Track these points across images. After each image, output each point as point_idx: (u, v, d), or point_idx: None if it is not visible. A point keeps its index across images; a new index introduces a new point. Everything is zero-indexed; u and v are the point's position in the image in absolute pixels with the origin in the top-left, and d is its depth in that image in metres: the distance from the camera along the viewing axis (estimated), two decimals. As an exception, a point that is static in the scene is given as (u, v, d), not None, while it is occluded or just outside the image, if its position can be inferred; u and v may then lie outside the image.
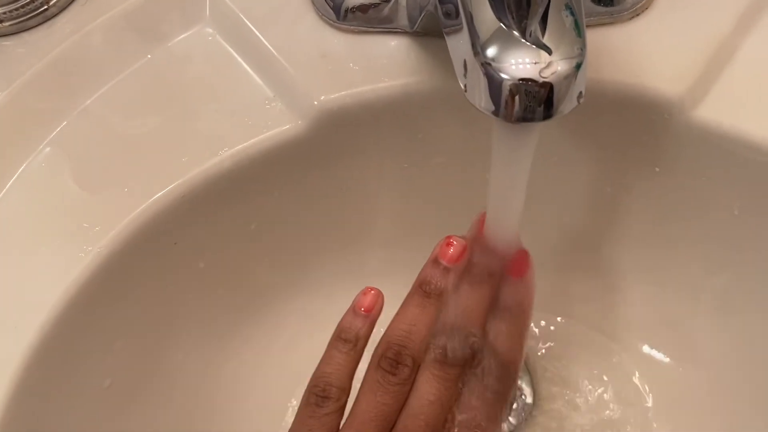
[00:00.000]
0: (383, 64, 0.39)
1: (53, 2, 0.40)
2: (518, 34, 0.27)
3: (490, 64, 0.27)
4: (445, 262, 0.35)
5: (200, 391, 0.45)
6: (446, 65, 0.33)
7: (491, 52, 0.27)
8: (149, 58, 0.41)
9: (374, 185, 0.45)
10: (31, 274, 0.36)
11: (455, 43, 0.30)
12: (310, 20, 0.40)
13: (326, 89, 0.39)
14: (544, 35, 0.28)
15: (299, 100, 0.39)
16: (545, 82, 0.27)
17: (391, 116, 0.40)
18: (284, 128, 0.39)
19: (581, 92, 0.28)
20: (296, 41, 0.40)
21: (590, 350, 0.46)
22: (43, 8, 0.40)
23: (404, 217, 0.47)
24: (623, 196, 0.43)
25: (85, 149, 0.39)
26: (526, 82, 0.27)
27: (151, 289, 0.40)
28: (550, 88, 0.27)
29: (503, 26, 0.28)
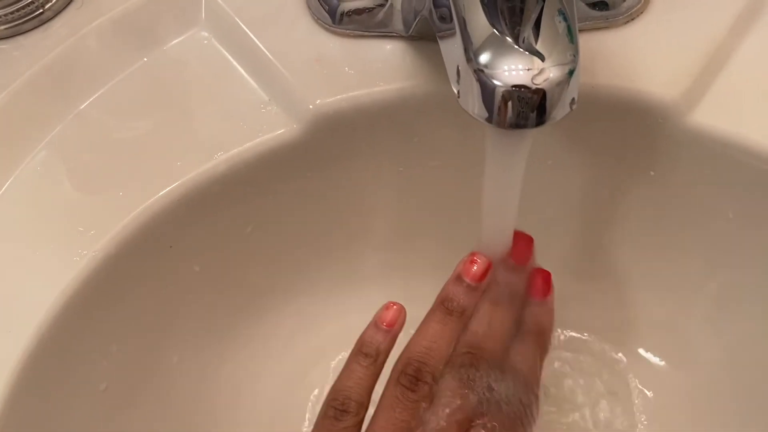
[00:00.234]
0: (378, 68, 0.39)
1: (49, 6, 0.40)
2: (511, 40, 0.27)
3: (482, 70, 0.27)
4: (468, 279, 0.35)
5: (196, 394, 0.45)
6: (441, 69, 0.33)
7: (484, 58, 0.27)
8: (145, 61, 0.41)
9: (370, 189, 0.44)
10: (27, 277, 0.36)
11: (448, 48, 0.30)
12: (305, 24, 0.40)
13: (321, 93, 0.39)
14: (537, 41, 0.27)
15: (295, 103, 0.39)
16: (538, 88, 0.27)
17: (386, 120, 0.40)
18: (279, 132, 0.39)
19: (574, 98, 0.28)
20: (292, 45, 0.40)
21: (586, 353, 0.46)
22: (38, 12, 0.40)
23: (400, 220, 0.47)
24: (619, 199, 0.43)
25: (80, 153, 0.39)
26: (518, 88, 0.27)
27: (147, 292, 0.40)
28: (542, 94, 0.27)
29: (496, 32, 0.28)
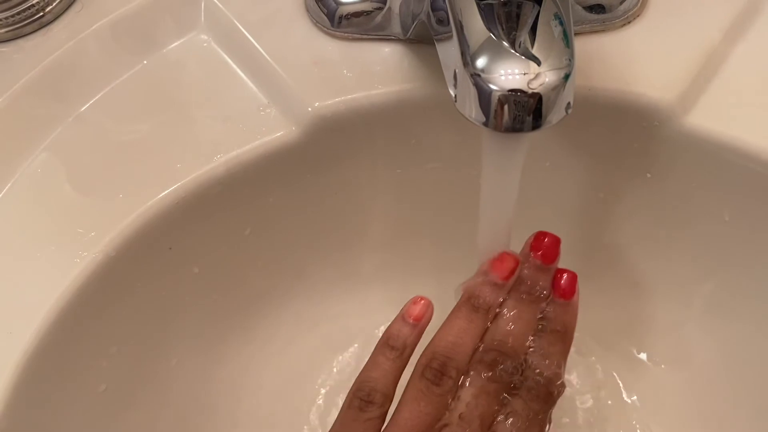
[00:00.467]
0: (377, 71, 0.39)
1: (49, 9, 0.41)
2: (507, 44, 0.28)
3: (479, 75, 0.27)
4: (495, 276, 0.35)
5: (195, 395, 0.45)
6: (439, 73, 0.33)
7: (481, 62, 0.28)
8: (144, 64, 0.41)
9: (368, 191, 0.45)
10: (26, 279, 0.36)
11: (445, 52, 0.31)
12: (304, 27, 0.41)
13: (320, 96, 0.39)
14: (533, 46, 0.28)
15: (293, 106, 0.39)
16: (534, 92, 0.27)
17: (384, 123, 0.40)
18: (278, 134, 0.39)
19: (569, 103, 0.28)
20: (290, 48, 0.40)
21: (581, 354, 0.47)
22: (38, 15, 0.40)
23: (398, 221, 0.47)
24: (615, 201, 0.44)
25: (80, 155, 0.39)
26: (515, 92, 0.27)
27: (146, 294, 0.40)
28: (538, 98, 0.27)
29: (492, 37, 0.28)
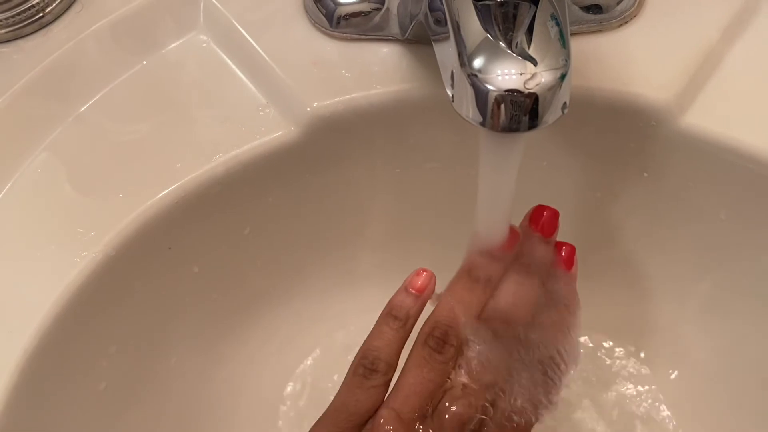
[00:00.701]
0: (375, 71, 0.40)
1: (49, 10, 0.41)
2: (504, 45, 0.28)
3: (476, 75, 0.28)
4: (496, 249, 0.36)
5: (195, 394, 0.45)
6: (437, 73, 0.33)
7: (478, 63, 0.28)
8: (144, 64, 0.41)
9: (367, 190, 0.45)
10: (26, 278, 0.36)
11: (443, 52, 0.31)
12: (303, 28, 0.41)
13: (319, 96, 0.39)
14: (529, 46, 0.28)
15: (292, 106, 0.39)
16: (530, 92, 0.27)
17: (383, 122, 0.40)
18: (277, 134, 0.39)
19: (566, 103, 0.28)
20: (289, 48, 0.40)
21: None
22: (38, 16, 0.41)
23: (397, 221, 0.47)
24: (612, 201, 0.44)
25: (80, 155, 0.39)
26: (511, 93, 0.27)
27: (145, 293, 0.40)
28: (534, 98, 0.27)
29: (489, 37, 0.28)
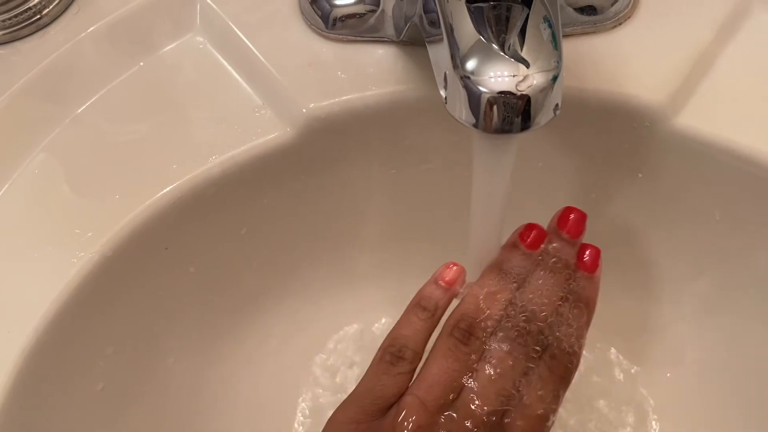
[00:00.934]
0: (371, 72, 0.40)
1: (46, 12, 0.41)
2: (497, 47, 0.28)
3: (469, 77, 0.28)
4: (523, 247, 0.37)
5: (192, 394, 0.45)
6: (432, 74, 0.33)
7: (470, 65, 0.28)
8: (140, 66, 0.41)
9: (362, 191, 0.45)
10: (24, 279, 0.37)
11: (436, 54, 0.31)
12: (298, 29, 0.41)
13: (315, 97, 0.39)
14: (522, 48, 0.28)
15: (288, 107, 0.39)
16: (522, 94, 0.27)
17: (378, 124, 0.41)
18: (273, 135, 0.39)
19: (558, 104, 0.28)
20: (285, 50, 0.40)
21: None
22: (36, 18, 0.41)
23: (393, 222, 0.47)
24: (607, 201, 0.44)
25: (77, 156, 0.39)
26: (504, 94, 0.28)
27: (142, 293, 0.40)
28: (527, 100, 0.28)
29: (482, 39, 0.28)
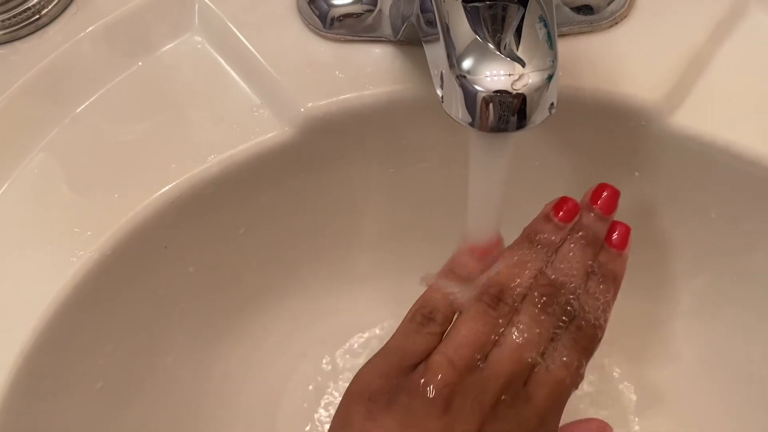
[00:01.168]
0: (368, 72, 0.40)
1: (45, 12, 0.41)
2: (493, 46, 0.28)
3: (465, 76, 0.28)
4: (556, 219, 0.37)
5: (191, 393, 0.45)
6: (429, 73, 0.33)
7: (466, 64, 0.28)
8: (139, 66, 0.41)
9: (361, 190, 0.45)
10: (23, 278, 0.37)
11: (433, 54, 0.31)
12: (296, 29, 0.41)
13: (313, 97, 0.39)
14: (518, 47, 0.28)
15: (286, 107, 0.39)
16: (518, 93, 0.28)
17: (376, 123, 0.41)
18: (271, 135, 0.39)
19: (553, 103, 0.29)
20: (283, 49, 0.40)
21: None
22: (35, 18, 0.41)
23: (391, 220, 0.47)
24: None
25: (76, 155, 0.39)
26: (499, 93, 0.28)
27: (141, 293, 0.41)
28: (522, 99, 0.28)
29: (478, 38, 0.28)
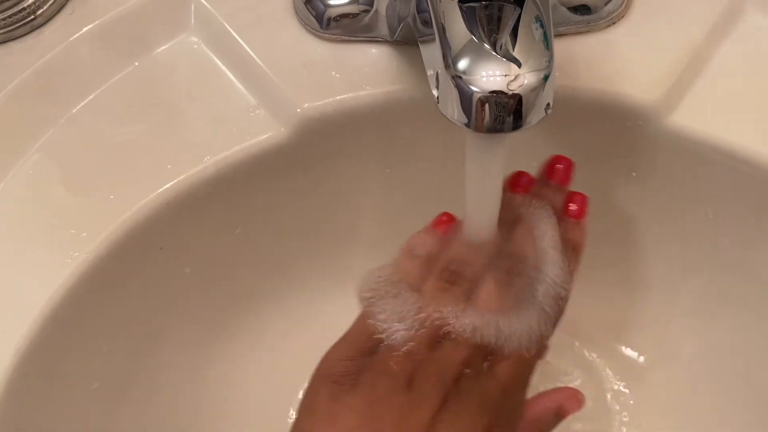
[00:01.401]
0: (365, 72, 0.40)
1: (40, 12, 0.41)
2: (489, 46, 0.28)
3: (460, 76, 0.28)
4: (512, 191, 0.38)
5: (188, 393, 0.45)
6: (426, 74, 0.33)
7: (462, 64, 0.28)
8: (135, 66, 0.41)
9: (358, 191, 0.45)
10: (19, 279, 0.37)
11: (428, 54, 0.31)
12: (293, 29, 0.41)
13: (309, 97, 0.39)
14: (514, 48, 0.28)
15: (282, 107, 0.39)
16: (514, 94, 0.27)
17: (373, 124, 0.41)
18: (267, 135, 0.39)
19: (549, 103, 0.29)
20: (279, 50, 0.40)
21: (566, 352, 0.47)
22: (30, 18, 0.41)
23: (388, 221, 0.47)
24: (601, 200, 0.43)
25: (72, 156, 0.39)
26: (495, 94, 0.28)
27: (138, 293, 0.41)
28: (518, 100, 0.28)
29: (474, 39, 0.28)
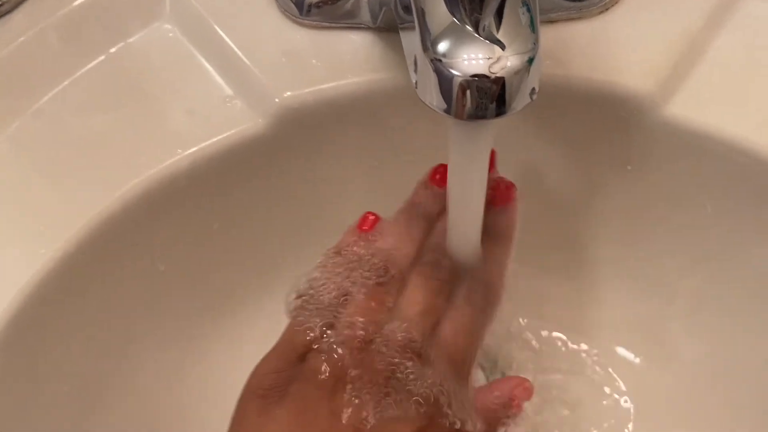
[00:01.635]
0: (347, 60, 0.39)
1: (7, -1, 0.40)
2: (471, 28, 0.27)
3: (440, 60, 0.26)
4: (433, 186, 0.37)
5: (164, 396, 0.44)
6: (409, 61, 0.32)
7: (442, 47, 0.27)
8: (107, 55, 0.40)
9: (340, 183, 0.44)
10: (-16, 276, 0.35)
11: (408, 39, 0.30)
12: (272, 16, 0.40)
13: (288, 86, 0.38)
14: (498, 30, 0.27)
15: (260, 97, 0.38)
16: (497, 77, 0.26)
17: (355, 113, 0.40)
18: (244, 127, 0.38)
19: (534, 88, 0.27)
20: (258, 37, 0.39)
21: (563, 351, 0.46)
22: (-3, 4, 0.40)
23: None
24: (595, 194, 0.43)
25: (39, 149, 0.38)
26: (477, 78, 0.26)
27: (109, 292, 0.39)
28: (501, 84, 0.26)
29: (456, 21, 0.27)
